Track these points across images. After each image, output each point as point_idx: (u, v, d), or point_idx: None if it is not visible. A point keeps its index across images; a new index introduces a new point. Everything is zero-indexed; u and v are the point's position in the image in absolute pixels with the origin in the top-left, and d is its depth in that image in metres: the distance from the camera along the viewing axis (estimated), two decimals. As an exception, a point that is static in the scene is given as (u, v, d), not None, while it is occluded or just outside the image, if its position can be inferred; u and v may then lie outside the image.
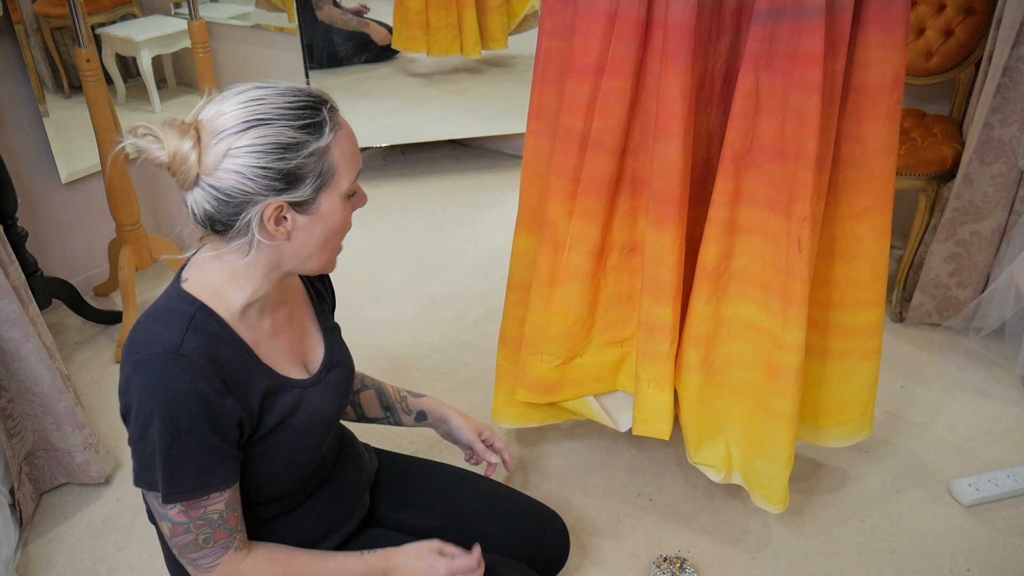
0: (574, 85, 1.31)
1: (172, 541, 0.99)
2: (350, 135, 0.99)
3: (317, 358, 1.14)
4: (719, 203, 1.30)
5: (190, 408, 0.92)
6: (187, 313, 0.96)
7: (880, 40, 1.18)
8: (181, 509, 0.96)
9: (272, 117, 0.91)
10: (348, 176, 0.98)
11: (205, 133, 0.91)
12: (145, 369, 0.92)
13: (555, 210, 1.40)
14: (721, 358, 1.42)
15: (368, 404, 1.36)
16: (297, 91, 0.95)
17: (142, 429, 0.92)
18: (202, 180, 0.92)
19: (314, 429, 1.10)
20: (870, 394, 1.51)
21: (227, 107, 0.92)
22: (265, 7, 3.02)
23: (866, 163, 1.28)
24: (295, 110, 0.92)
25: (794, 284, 1.27)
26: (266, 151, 0.90)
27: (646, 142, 1.33)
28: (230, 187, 0.91)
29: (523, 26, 3.05)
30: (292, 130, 0.91)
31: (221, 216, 0.93)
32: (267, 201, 0.92)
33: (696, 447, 1.49)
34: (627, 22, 1.23)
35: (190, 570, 1.02)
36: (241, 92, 0.93)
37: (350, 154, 0.98)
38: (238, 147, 0.90)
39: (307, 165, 0.93)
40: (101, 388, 2.06)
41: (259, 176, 0.91)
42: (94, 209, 2.40)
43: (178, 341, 0.94)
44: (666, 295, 1.35)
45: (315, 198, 0.95)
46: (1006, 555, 1.58)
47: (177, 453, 0.93)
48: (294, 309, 1.13)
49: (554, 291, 1.45)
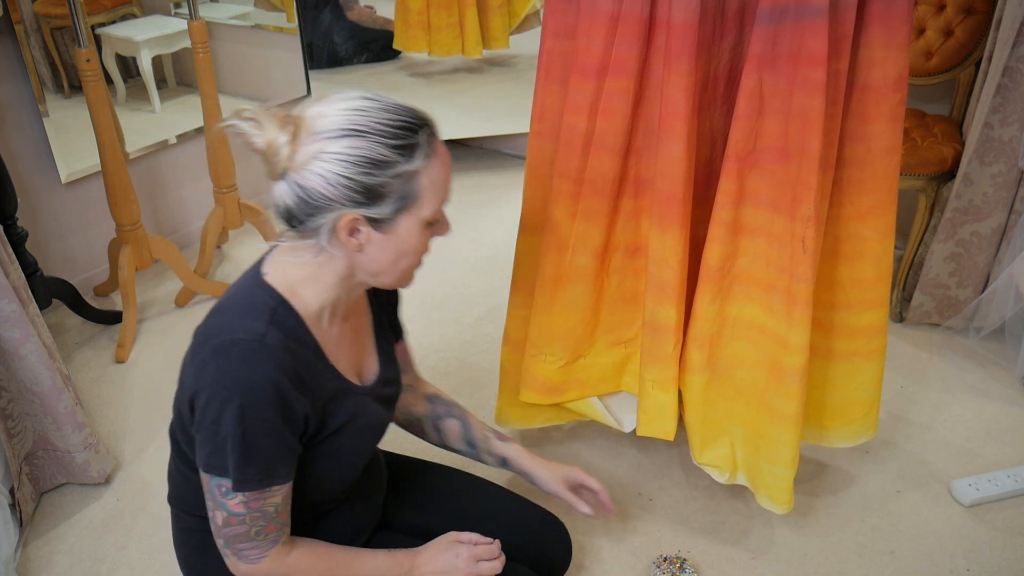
0: (577, 86, 1.31)
1: (222, 531, 0.99)
2: (444, 164, 0.99)
3: (372, 372, 1.16)
4: (723, 203, 1.30)
5: (268, 398, 0.93)
6: (269, 306, 0.97)
7: (883, 40, 1.18)
8: (243, 500, 0.96)
9: (368, 130, 0.91)
10: (431, 204, 0.98)
11: (303, 131, 0.92)
12: (226, 355, 0.93)
13: (558, 211, 1.40)
14: (725, 359, 1.42)
15: (451, 434, 1.35)
16: (401, 110, 0.95)
17: (216, 414, 0.92)
18: (289, 175, 0.93)
19: (369, 436, 1.13)
20: (874, 394, 1.51)
21: (330, 110, 0.93)
22: (264, 7, 3.02)
23: (870, 163, 1.28)
24: (393, 128, 0.93)
25: (798, 285, 1.27)
26: (354, 162, 0.91)
27: (649, 143, 1.33)
28: (312, 188, 0.92)
29: (524, 25, 3.05)
30: (384, 147, 0.92)
31: (299, 213, 0.95)
32: (344, 211, 0.93)
33: (700, 448, 1.49)
34: (630, 22, 1.23)
35: (232, 560, 1.02)
36: (348, 99, 0.94)
37: (439, 183, 0.98)
38: (328, 152, 0.91)
39: (391, 185, 0.93)
40: (101, 388, 2.06)
41: (341, 185, 0.91)
42: (94, 209, 2.40)
43: (262, 331, 0.95)
44: (670, 296, 1.35)
45: (393, 218, 0.96)
46: (1006, 555, 1.58)
47: (250, 442, 0.93)
48: (359, 322, 1.14)
49: (558, 292, 1.45)
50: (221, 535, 1.00)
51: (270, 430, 0.94)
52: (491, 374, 2.06)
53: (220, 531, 1.00)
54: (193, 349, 0.97)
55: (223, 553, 1.03)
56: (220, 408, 0.92)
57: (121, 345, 2.17)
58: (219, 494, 0.97)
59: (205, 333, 0.97)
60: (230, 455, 0.94)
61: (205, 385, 0.93)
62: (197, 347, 0.96)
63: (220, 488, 0.97)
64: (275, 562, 1.03)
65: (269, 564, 1.03)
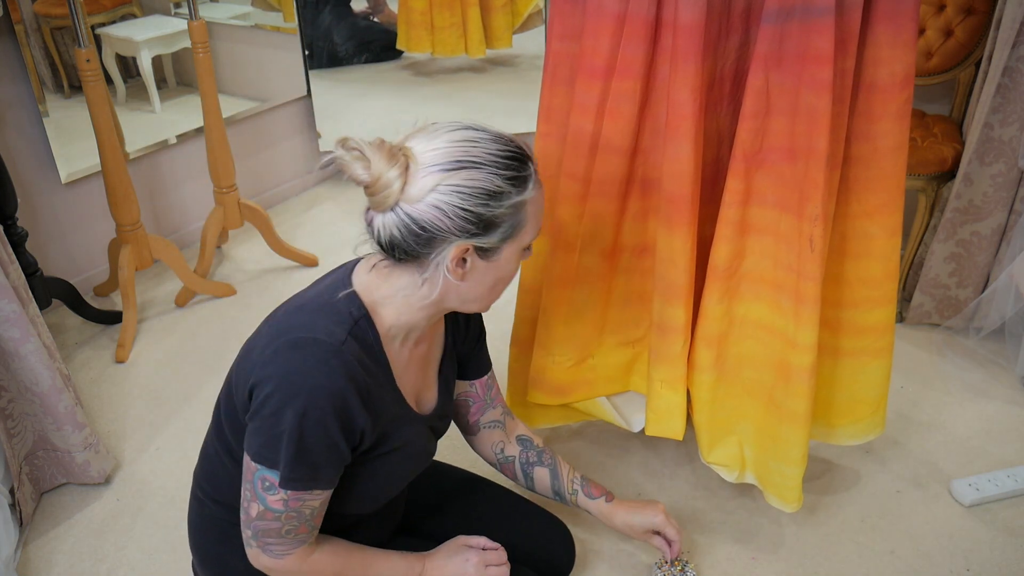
0: (584, 87, 1.31)
1: (253, 522, 0.99)
2: (544, 195, 1.02)
3: (430, 402, 1.16)
4: (730, 203, 1.30)
5: (333, 404, 0.93)
6: (352, 316, 0.98)
7: (890, 39, 1.19)
8: (283, 497, 0.96)
9: (484, 162, 0.92)
10: (533, 232, 1.00)
11: (414, 163, 0.92)
12: (303, 352, 0.93)
13: (566, 212, 1.40)
14: (733, 358, 1.42)
15: (539, 482, 1.36)
16: (508, 140, 0.96)
17: (277, 407, 0.92)
18: (400, 207, 0.93)
19: (414, 463, 1.14)
20: (882, 392, 1.51)
21: (439, 143, 0.93)
22: (262, 6, 3.02)
23: (877, 161, 1.28)
24: (505, 159, 0.94)
25: (806, 283, 1.27)
26: (472, 194, 0.92)
27: (656, 143, 1.33)
28: (427, 220, 0.92)
29: (527, 25, 3.04)
30: (500, 179, 0.93)
31: (405, 245, 0.94)
32: (457, 242, 0.93)
33: (709, 447, 1.49)
34: (636, 23, 1.23)
35: (255, 552, 1.03)
36: (454, 130, 0.95)
37: (540, 212, 1.01)
38: (447, 184, 0.91)
39: (504, 215, 0.94)
40: (101, 388, 2.05)
41: (459, 216, 0.92)
42: (94, 209, 2.40)
43: (343, 338, 0.95)
44: (678, 296, 1.35)
45: (500, 247, 0.97)
46: (1006, 555, 1.58)
47: (305, 443, 0.93)
48: (430, 350, 1.15)
49: (566, 293, 1.45)
50: (251, 526, 1.00)
51: (327, 436, 0.94)
52: (491, 374, 2.06)
53: (251, 522, 1.00)
54: (267, 337, 0.97)
55: (247, 542, 1.03)
56: (283, 403, 0.92)
57: (121, 345, 2.17)
58: (261, 487, 0.97)
59: (284, 325, 0.97)
60: (283, 451, 0.94)
61: (273, 376, 0.93)
62: (271, 337, 0.96)
63: (264, 481, 0.97)
64: (299, 560, 1.03)
65: (292, 561, 1.03)
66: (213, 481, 1.13)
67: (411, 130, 0.97)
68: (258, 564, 1.04)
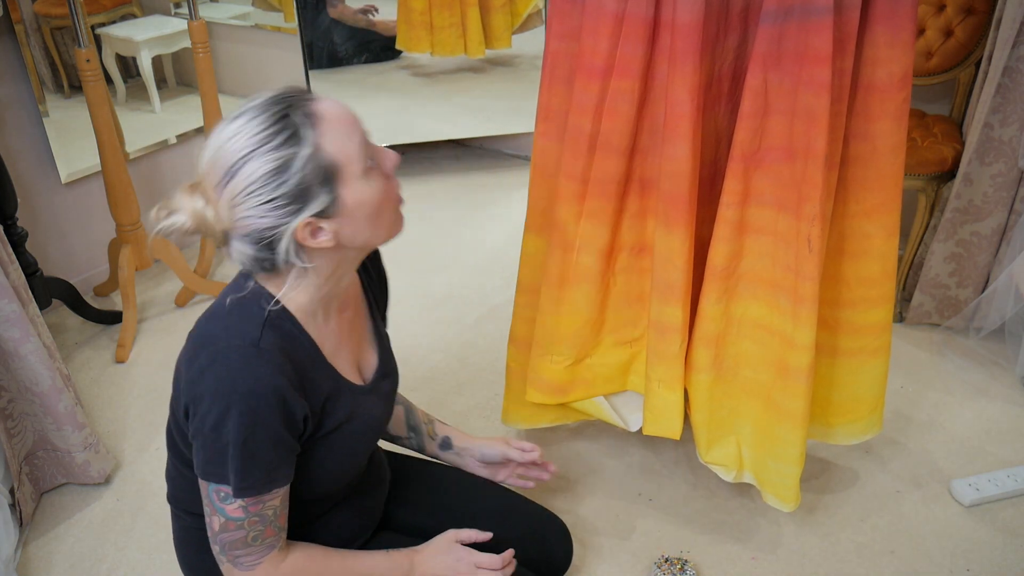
0: (582, 86, 1.30)
1: (218, 537, 0.99)
2: (336, 117, 0.93)
3: (371, 365, 1.15)
4: (728, 203, 1.30)
5: (268, 403, 0.92)
6: (263, 308, 0.97)
7: (888, 39, 1.19)
8: (242, 504, 0.96)
9: (250, 149, 0.89)
10: (354, 157, 0.93)
11: (207, 188, 0.91)
12: (225, 361, 0.92)
13: (564, 212, 1.40)
14: (731, 358, 1.42)
15: (395, 421, 1.36)
16: (264, 106, 0.91)
17: (216, 421, 0.92)
18: (230, 233, 0.93)
19: (366, 435, 1.11)
20: (879, 391, 1.51)
21: (207, 159, 0.91)
22: (262, 7, 3.02)
23: (875, 161, 1.28)
24: (267, 131, 0.89)
25: (804, 283, 1.27)
26: (261, 184, 0.89)
27: (654, 143, 1.33)
28: (254, 230, 0.91)
29: (526, 25, 3.04)
30: (272, 152, 0.89)
31: (263, 256, 0.94)
32: (291, 226, 0.91)
33: (707, 447, 1.49)
34: (635, 23, 1.23)
35: (227, 568, 1.01)
36: (214, 135, 0.92)
37: (344, 136, 0.93)
38: (237, 195, 0.89)
39: (307, 176, 0.90)
40: (101, 388, 2.05)
41: (270, 210, 0.90)
42: (94, 209, 2.40)
43: (257, 335, 0.94)
44: (676, 295, 1.35)
45: (334, 197, 0.92)
46: (1006, 555, 1.58)
47: (252, 448, 0.93)
48: (355, 314, 1.13)
49: (564, 292, 1.45)
50: (217, 541, 1.00)
51: (271, 435, 0.94)
52: (492, 374, 2.06)
53: (216, 536, 0.99)
54: (189, 355, 0.97)
55: (219, 560, 1.02)
56: (221, 415, 0.92)
57: (121, 345, 2.17)
58: (217, 499, 0.97)
59: (200, 339, 0.96)
60: (231, 462, 0.93)
61: (204, 392, 0.92)
62: (193, 353, 0.96)
63: (218, 493, 0.96)
64: (271, 567, 1.02)
65: (265, 569, 1.01)
66: (180, 495, 1.13)
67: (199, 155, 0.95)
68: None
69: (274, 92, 0.93)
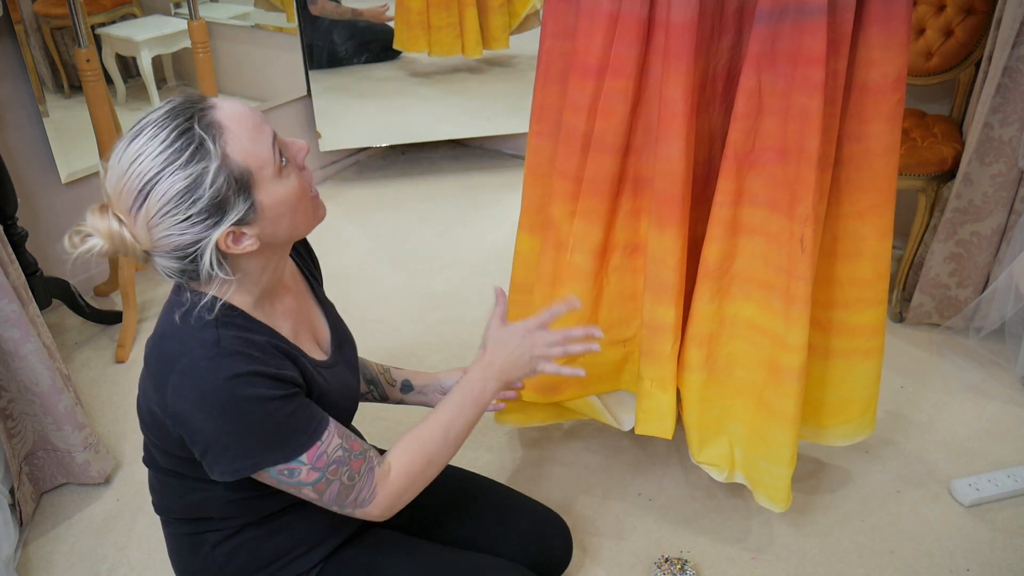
0: (576, 86, 1.30)
1: (324, 500, 0.99)
2: (238, 122, 0.91)
3: (325, 336, 1.15)
4: (721, 203, 1.30)
5: (253, 384, 0.92)
6: (209, 311, 0.96)
7: (882, 40, 1.19)
8: (309, 467, 0.95)
9: (158, 169, 0.87)
10: (263, 159, 0.92)
11: (120, 211, 0.89)
12: (193, 372, 0.91)
13: (558, 211, 1.40)
14: (724, 357, 1.42)
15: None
16: (162, 122, 0.89)
17: (224, 427, 0.91)
18: (151, 252, 0.92)
19: (343, 405, 1.11)
20: (872, 393, 1.51)
21: (116, 184, 0.89)
22: (264, 7, 3.02)
23: (868, 162, 1.28)
24: (171, 148, 0.87)
25: (796, 284, 1.27)
26: (176, 204, 0.88)
27: (648, 142, 1.33)
28: (174, 248, 0.90)
29: (524, 25, 3.04)
30: (181, 170, 0.87)
31: (189, 268, 0.93)
32: (211, 238, 0.90)
33: (699, 446, 1.49)
34: (629, 23, 1.23)
35: (361, 513, 1.02)
36: (120, 152, 0.89)
37: (250, 140, 0.91)
38: (152, 216, 0.88)
39: (220, 187, 0.89)
40: (101, 388, 2.06)
41: (189, 226, 0.89)
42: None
43: (214, 337, 0.93)
44: (668, 295, 1.35)
45: (250, 203, 0.91)
46: (1006, 555, 1.58)
47: (270, 425, 0.93)
48: (296, 292, 1.13)
49: (557, 292, 1.45)
50: (326, 504, 1.00)
51: (277, 404, 0.93)
52: (491, 374, 2.06)
53: (323, 501, 0.99)
54: (155, 380, 0.95)
55: (350, 516, 1.02)
56: (222, 417, 0.91)
57: (121, 345, 2.17)
58: (288, 479, 0.96)
59: (161, 362, 0.94)
60: (263, 446, 0.93)
61: (189, 410, 0.91)
62: (159, 378, 0.94)
63: (282, 474, 0.96)
64: (384, 486, 1.03)
65: (382, 493, 1.02)
66: (167, 504, 1.12)
67: (102, 173, 0.92)
68: (376, 517, 1.04)
69: (171, 103, 0.91)
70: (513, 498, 1.36)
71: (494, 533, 1.28)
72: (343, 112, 3.07)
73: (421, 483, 1.08)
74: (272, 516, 1.10)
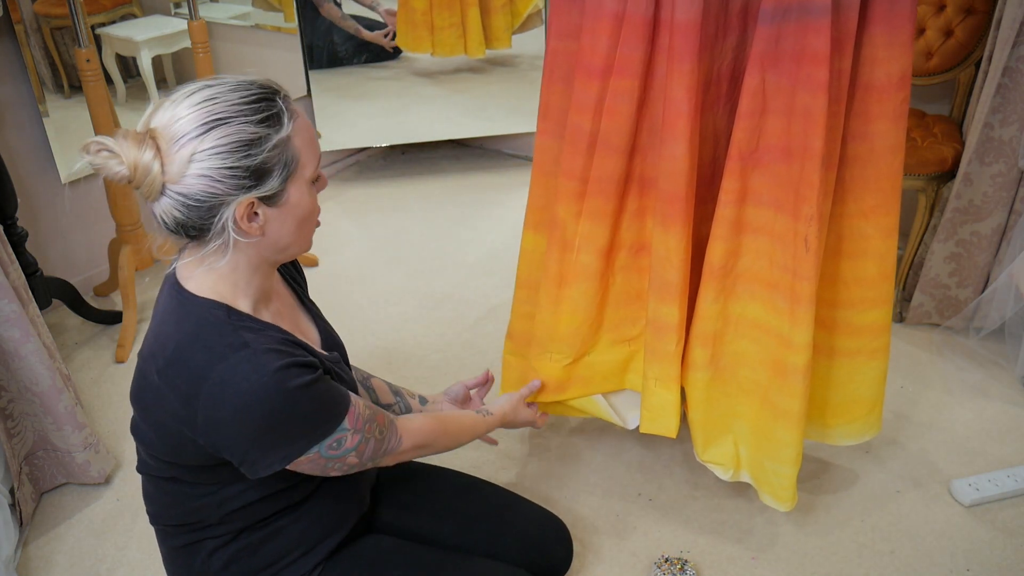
0: (582, 86, 1.30)
1: (364, 459, 1.04)
2: (306, 122, 0.98)
3: (315, 340, 1.16)
4: (726, 202, 1.30)
5: (292, 375, 0.93)
6: (220, 317, 0.96)
7: (886, 39, 1.19)
8: (352, 431, 1.00)
9: (230, 115, 0.90)
10: (311, 162, 0.98)
11: (163, 140, 0.90)
12: (235, 377, 0.91)
13: (564, 211, 1.40)
14: (728, 357, 1.42)
15: (380, 391, 1.38)
16: (249, 84, 0.93)
17: (267, 421, 0.93)
18: (168, 188, 0.91)
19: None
20: (878, 392, 1.51)
21: (181, 111, 0.90)
22: (263, 7, 3.02)
23: (873, 162, 1.28)
24: (251, 104, 0.91)
25: (801, 283, 1.27)
26: (231, 150, 0.89)
27: (653, 142, 1.33)
28: (199, 191, 0.90)
29: (526, 25, 3.05)
30: (253, 125, 0.90)
31: (193, 221, 0.93)
32: (238, 199, 0.91)
33: (704, 446, 1.49)
34: (635, 23, 1.23)
35: (390, 459, 1.10)
36: (193, 93, 0.91)
37: (310, 141, 0.98)
38: (202, 150, 0.89)
39: (272, 158, 0.92)
40: (101, 388, 2.06)
41: (227, 176, 0.90)
42: (94, 209, 2.40)
43: (240, 339, 0.94)
44: (673, 294, 1.35)
45: (283, 189, 0.95)
46: (1006, 555, 1.58)
47: (312, 406, 0.96)
48: (282, 298, 1.14)
49: (563, 291, 1.46)
50: (363, 463, 1.05)
51: (316, 387, 0.96)
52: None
53: (363, 462, 1.04)
54: (180, 391, 0.93)
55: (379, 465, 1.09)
56: (271, 417, 0.92)
57: (121, 345, 2.17)
58: (335, 451, 1.00)
59: (190, 373, 0.93)
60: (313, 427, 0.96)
61: (235, 415, 0.91)
62: (190, 390, 0.93)
63: (332, 448, 0.99)
64: (405, 432, 1.11)
65: (406, 437, 1.11)
66: (163, 512, 1.12)
67: (150, 109, 0.93)
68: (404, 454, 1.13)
69: (257, 78, 0.96)
70: (514, 501, 1.36)
71: (494, 537, 1.27)
72: (343, 112, 3.07)
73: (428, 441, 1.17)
74: (269, 520, 1.10)
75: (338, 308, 2.37)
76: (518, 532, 1.29)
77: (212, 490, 1.04)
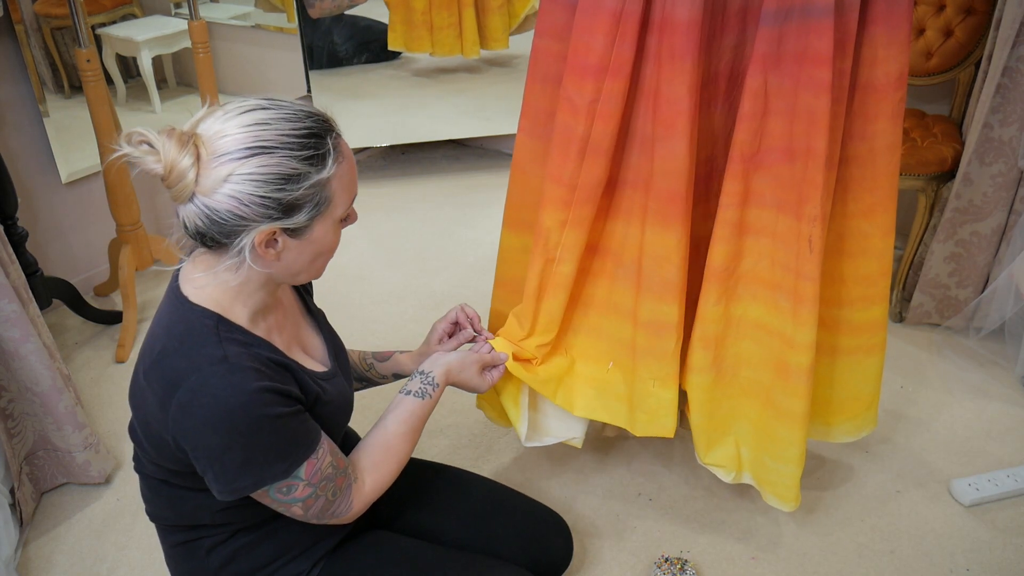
0: (575, 86, 1.26)
1: (308, 515, 1.02)
2: (351, 163, 0.98)
3: (319, 348, 1.16)
4: (728, 204, 1.29)
5: (264, 400, 0.92)
6: (209, 326, 0.95)
7: (885, 39, 1.19)
8: (303, 483, 0.98)
9: (276, 145, 0.89)
10: (344, 204, 0.98)
11: (205, 151, 0.89)
12: (205, 388, 0.91)
13: (549, 219, 1.34)
14: (731, 358, 1.41)
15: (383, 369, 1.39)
16: (303, 116, 0.93)
17: (232, 442, 0.92)
18: (197, 198, 0.90)
19: (340, 415, 1.14)
20: (875, 388, 1.51)
21: (230, 128, 0.90)
22: (264, 7, 3.02)
23: (872, 161, 1.28)
24: (300, 139, 0.91)
25: (804, 284, 1.27)
26: (267, 180, 0.89)
27: (631, 144, 1.31)
28: (225, 211, 0.90)
29: (524, 26, 3.05)
30: (296, 161, 0.90)
31: (213, 235, 0.93)
32: (261, 227, 0.91)
33: (706, 448, 1.48)
34: (632, 22, 1.21)
35: (334, 523, 1.06)
36: (245, 111, 0.91)
37: (348, 183, 0.98)
38: (240, 173, 0.88)
39: (306, 196, 0.92)
40: (101, 388, 2.06)
41: (257, 204, 0.90)
42: (94, 209, 2.40)
43: (220, 352, 0.93)
44: (672, 293, 1.34)
45: (309, 225, 0.95)
46: (1006, 555, 1.58)
47: (274, 440, 0.94)
48: (287, 306, 1.14)
49: (541, 305, 1.40)
50: (311, 517, 1.03)
51: (283, 421, 0.95)
52: (491, 374, 2.06)
53: (307, 516, 1.02)
54: (158, 395, 0.94)
55: (323, 524, 1.06)
56: (231, 437, 0.92)
57: (121, 345, 2.17)
58: (283, 496, 0.98)
59: (167, 378, 0.93)
60: (267, 461, 0.94)
61: (195, 425, 0.91)
62: (165, 393, 0.93)
63: (280, 491, 0.97)
64: (360, 497, 1.07)
65: (357, 505, 1.07)
66: (160, 512, 1.12)
67: (202, 112, 0.93)
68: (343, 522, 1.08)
69: (310, 109, 0.95)
70: (513, 498, 1.36)
71: (494, 533, 1.27)
72: (343, 112, 3.06)
73: (389, 483, 1.13)
74: (265, 521, 1.10)
75: (338, 308, 2.37)
76: (518, 528, 1.29)
77: (204, 492, 1.03)
